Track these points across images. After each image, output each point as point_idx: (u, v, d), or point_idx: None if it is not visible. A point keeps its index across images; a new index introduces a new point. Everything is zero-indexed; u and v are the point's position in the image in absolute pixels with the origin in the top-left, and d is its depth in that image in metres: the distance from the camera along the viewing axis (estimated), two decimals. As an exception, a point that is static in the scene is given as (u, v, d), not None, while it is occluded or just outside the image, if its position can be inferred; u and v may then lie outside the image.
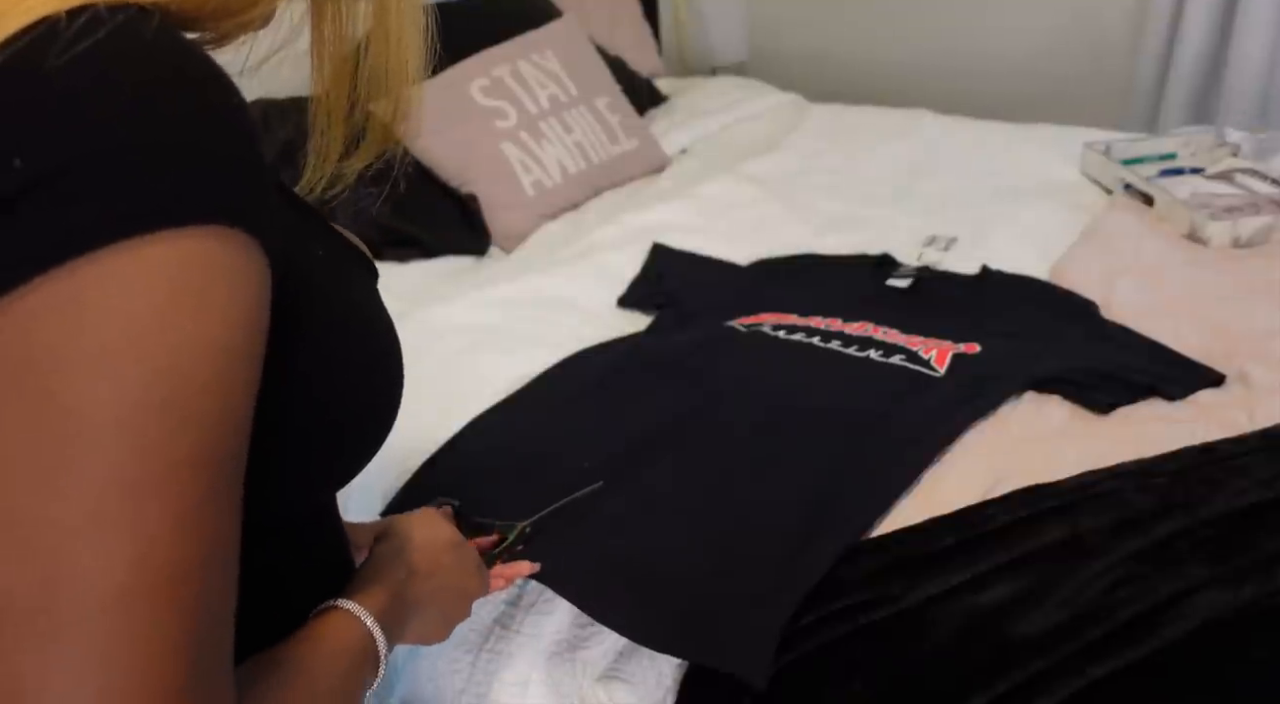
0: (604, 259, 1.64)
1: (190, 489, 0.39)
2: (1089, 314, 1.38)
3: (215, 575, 0.40)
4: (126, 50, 0.40)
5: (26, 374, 0.38)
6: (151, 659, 0.37)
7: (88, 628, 0.36)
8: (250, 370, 0.43)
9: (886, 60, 2.51)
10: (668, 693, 0.92)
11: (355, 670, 0.60)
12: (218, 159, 0.42)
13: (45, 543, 0.37)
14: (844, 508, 1.02)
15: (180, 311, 0.39)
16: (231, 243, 0.41)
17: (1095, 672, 0.84)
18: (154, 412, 0.38)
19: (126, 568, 0.37)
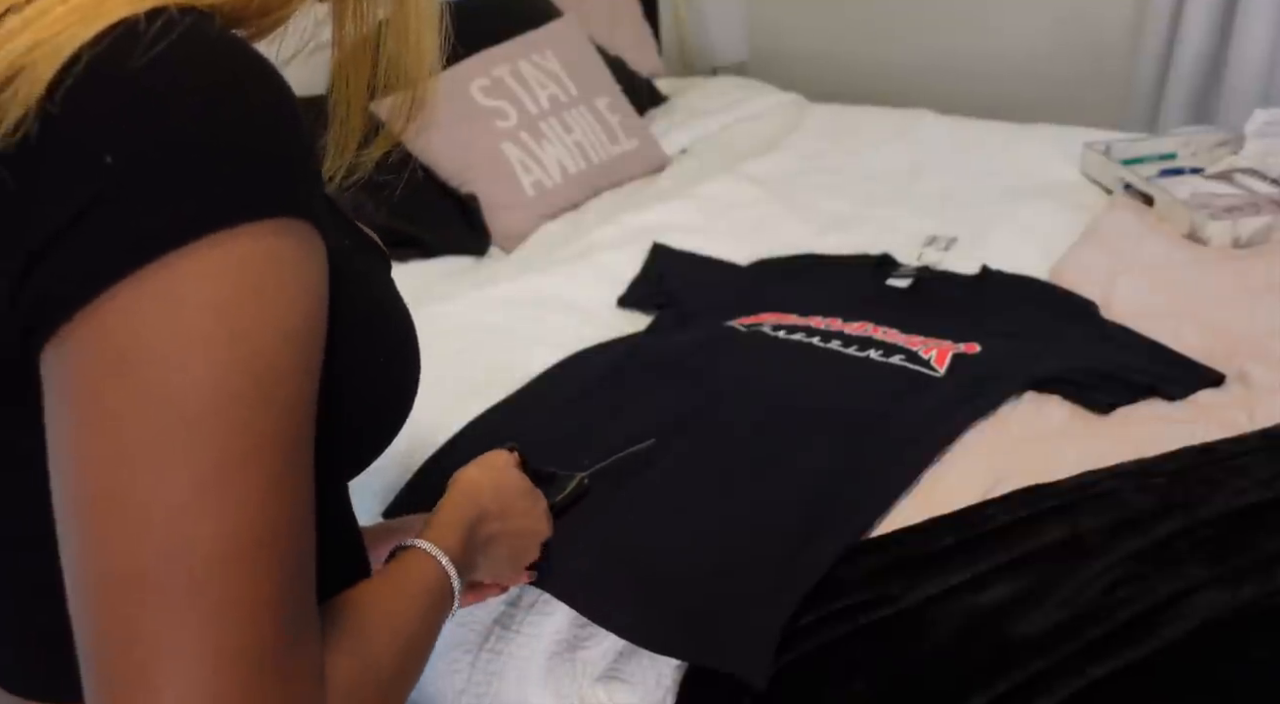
0: (604, 259, 1.64)
1: (275, 463, 0.43)
2: (1089, 314, 1.38)
3: (300, 536, 0.44)
4: (200, 52, 0.43)
5: (129, 367, 0.40)
6: (256, 612, 0.42)
7: (202, 591, 0.40)
8: (317, 353, 0.46)
9: (886, 60, 2.51)
10: (668, 693, 0.92)
11: (433, 607, 0.64)
12: (285, 155, 0.44)
13: (159, 519, 0.40)
14: (844, 508, 1.02)
15: (261, 301, 0.42)
16: (300, 234, 0.44)
17: (1095, 672, 0.84)
18: (242, 396, 0.41)
19: (229, 536, 0.41)
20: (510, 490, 0.82)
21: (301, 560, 0.45)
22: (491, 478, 0.80)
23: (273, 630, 0.42)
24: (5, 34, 0.41)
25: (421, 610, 0.62)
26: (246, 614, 0.41)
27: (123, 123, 0.41)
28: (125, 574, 0.40)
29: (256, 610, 0.42)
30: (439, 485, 0.97)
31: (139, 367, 0.41)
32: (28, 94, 0.40)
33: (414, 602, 0.62)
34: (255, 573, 0.42)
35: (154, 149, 0.41)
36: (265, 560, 0.42)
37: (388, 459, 1.06)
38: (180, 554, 0.40)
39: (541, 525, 0.86)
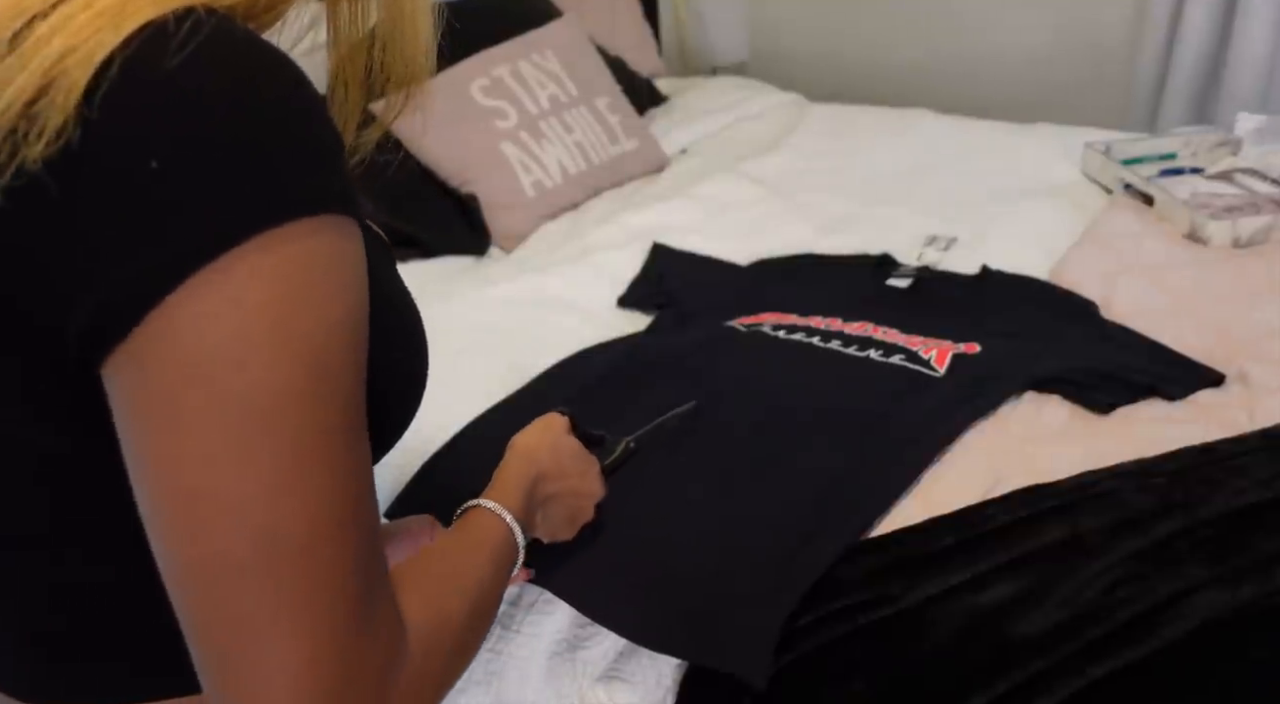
0: (604, 259, 1.64)
1: (339, 445, 0.45)
2: (1089, 314, 1.38)
3: (366, 507, 0.47)
4: (231, 52, 0.43)
5: (196, 372, 0.42)
6: (339, 581, 0.45)
7: (290, 569, 0.43)
8: (364, 341, 0.48)
9: (886, 60, 2.51)
10: (668, 693, 0.92)
11: (499, 562, 0.68)
12: (324, 151, 0.45)
13: (243, 510, 0.43)
14: (844, 508, 1.02)
15: (312, 296, 0.44)
16: (345, 228, 0.45)
17: (1095, 672, 0.84)
18: (303, 389, 0.43)
19: (309, 517, 0.44)
20: (566, 453, 0.85)
21: (371, 529, 0.47)
22: (548, 441, 0.84)
23: (355, 596, 0.45)
24: (35, 42, 0.41)
25: (488, 565, 0.66)
26: (331, 585, 0.44)
27: (164, 126, 0.41)
28: (220, 564, 0.43)
29: (339, 580, 0.45)
30: (440, 486, 0.98)
31: (206, 370, 0.42)
32: (65, 101, 0.40)
33: (481, 557, 0.66)
34: (334, 547, 0.45)
35: (198, 152, 0.41)
36: (341, 535, 0.45)
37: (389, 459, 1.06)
38: (267, 539, 0.43)
39: (595, 486, 0.89)
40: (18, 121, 0.41)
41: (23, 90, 0.41)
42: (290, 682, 0.43)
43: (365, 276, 0.48)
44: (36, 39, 0.41)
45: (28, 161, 0.41)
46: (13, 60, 0.41)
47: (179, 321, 0.42)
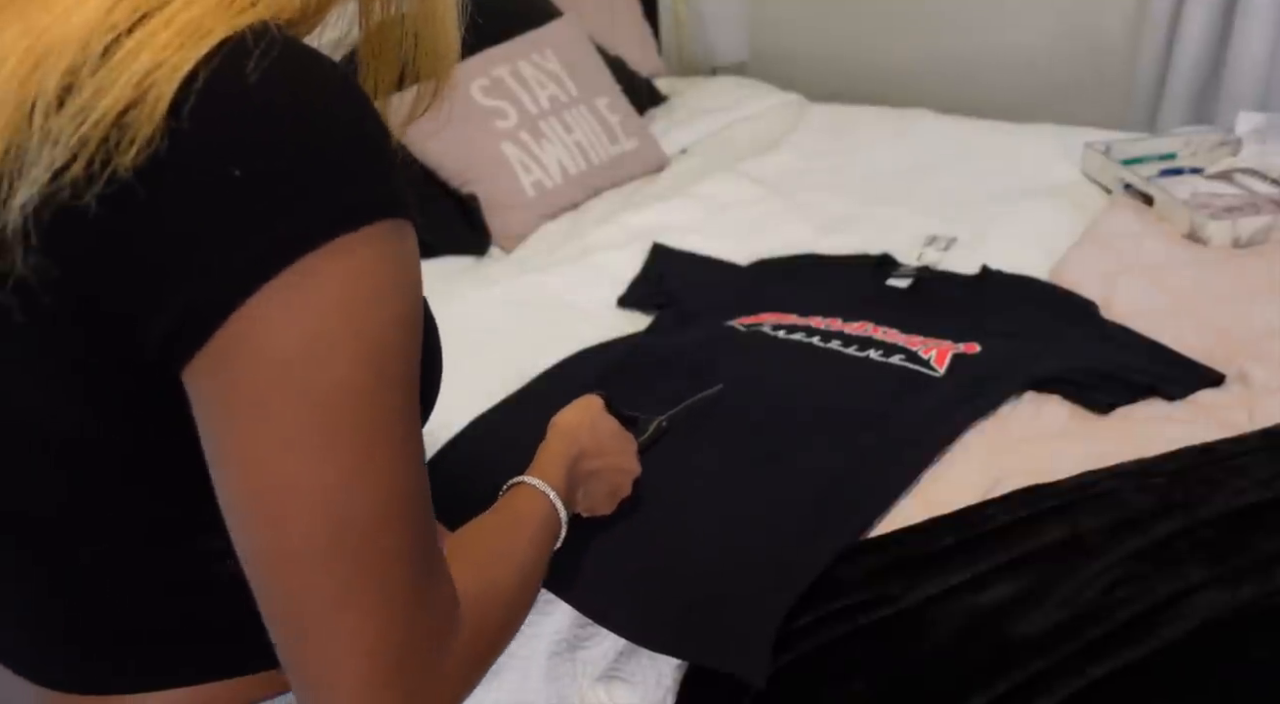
0: (604, 259, 1.64)
1: (402, 433, 0.49)
2: (1089, 314, 1.38)
3: (424, 490, 0.51)
4: (303, 66, 0.46)
5: (282, 371, 0.45)
6: (405, 557, 0.49)
7: (366, 550, 0.47)
8: (421, 336, 0.51)
9: (886, 60, 2.51)
10: (668, 693, 0.92)
11: (543, 536, 0.73)
12: (389, 160, 0.48)
13: (323, 500, 0.46)
14: (843, 508, 1.02)
15: (382, 297, 0.47)
16: (406, 231, 0.48)
17: (1095, 671, 0.84)
18: (373, 385, 0.47)
19: (380, 503, 0.47)
20: (604, 431, 0.90)
21: (428, 509, 0.52)
22: (588, 420, 0.89)
23: (416, 572, 0.50)
24: (125, 56, 0.43)
25: (534, 538, 0.71)
26: (397, 564, 0.48)
27: (246, 136, 0.44)
28: (300, 552, 0.47)
29: (403, 559, 0.49)
30: (441, 485, 0.97)
31: (286, 370, 0.45)
32: (154, 112, 0.43)
33: (527, 531, 0.71)
34: (399, 529, 0.49)
35: (278, 161, 0.44)
36: (405, 517, 0.49)
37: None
38: (342, 527, 0.47)
39: (633, 463, 0.93)
40: (110, 131, 0.43)
41: (116, 101, 0.43)
42: (363, 653, 0.47)
43: (421, 276, 0.51)
44: (126, 54, 0.43)
45: (120, 169, 0.43)
46: (105, 74, 0.43)
47: (260, 323, 0.44)
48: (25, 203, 0.44)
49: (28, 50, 0.44)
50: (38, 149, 0.44)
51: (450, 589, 0.54)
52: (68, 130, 0.43)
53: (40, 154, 0.44)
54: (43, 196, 0.44)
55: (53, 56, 0.44)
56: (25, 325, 0.47)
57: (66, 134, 0.43)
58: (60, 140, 0.43)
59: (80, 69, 0.44)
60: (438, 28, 0.60)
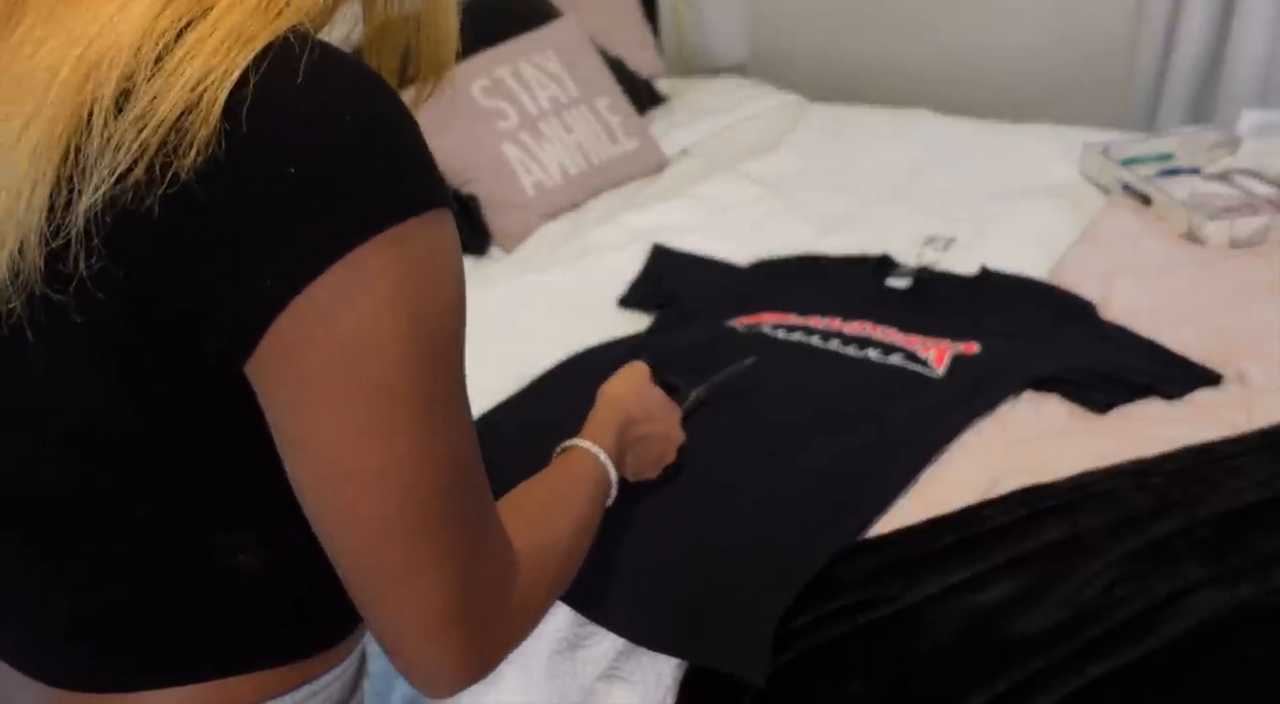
0: (604, 259, 1.64)
1: (459, 411, 0.53)
2: (1087, 314, 1.39)
3: (476, 454, 0.55)
4: (343, 68, 0.48)
5: (343, 358, 0.47)
6: (465, 520, 0.54)
7: (429, 520, 0.51)
8: (466, 318, 0.53)
9: (886, 60, 2.51)
10: (668, 693, 0.92)
11: (595, 494, 0.78)
12: (428, 153, 0.50)
13: (389, 480, 0.50)
14: (842, 507, 1.02)
15: (433, 282, 0.49)
16: (447, 218, 0.50)
17: (1094, 671, 0.85)
18: (431, 366, 0.50)
19: (439, 475, 0.51)
20: (651, 399, 0.95)
21: (481, 471, 0.56)
22: (634, 388, 0.94)
23: (474, 529, 0.54)
24: (177, 63, 0.45)
25: (585, 496, 0.76)
26: (457, 525, 0.53)
27: (298, 137, 0.46)
28: (370, 526, 0.51)
29: (462, 520, 0.53)
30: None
31: (347, 357, 0.47)
32: (210, 116, 0.44)
33: (580, 488, 0.76)
34: (457, 495, 0.53)
35: (329, 158, 0.46)
36: (462, 483, 0.53)
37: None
38: (408, 498, 0.50)
39: (677, 431, 0.99)
40: (168, 135, 0.44)
41: (174, 107, 0.44)
42: (432, 605, 0.53)
43: (462, 260, 0.53)
44: (179, 60, 0.45)
45: (180, 172, 0.45)
46: (160, 80, 0.45)
47: (319, 312, 0.46)
48: (90, 206, 0.45)
49: (79, 59, 0.45)
50: (99, 154, 0.45)
51: (505, 541, 0.58)
52: (129, 136, 0.45)
53: (102, 159, 0.45)
54: (105, 200, 0.45)
55: (105, 64, 0.45)
56: (79, 323, 0.49)
57: (128, 139, 0.45)
58: (122, 145, 0.45)
59: (135, 75, 0.45)
60: (440, 26, 0.61)
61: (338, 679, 0.67)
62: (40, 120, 0.46)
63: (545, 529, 0.67)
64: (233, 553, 0.58)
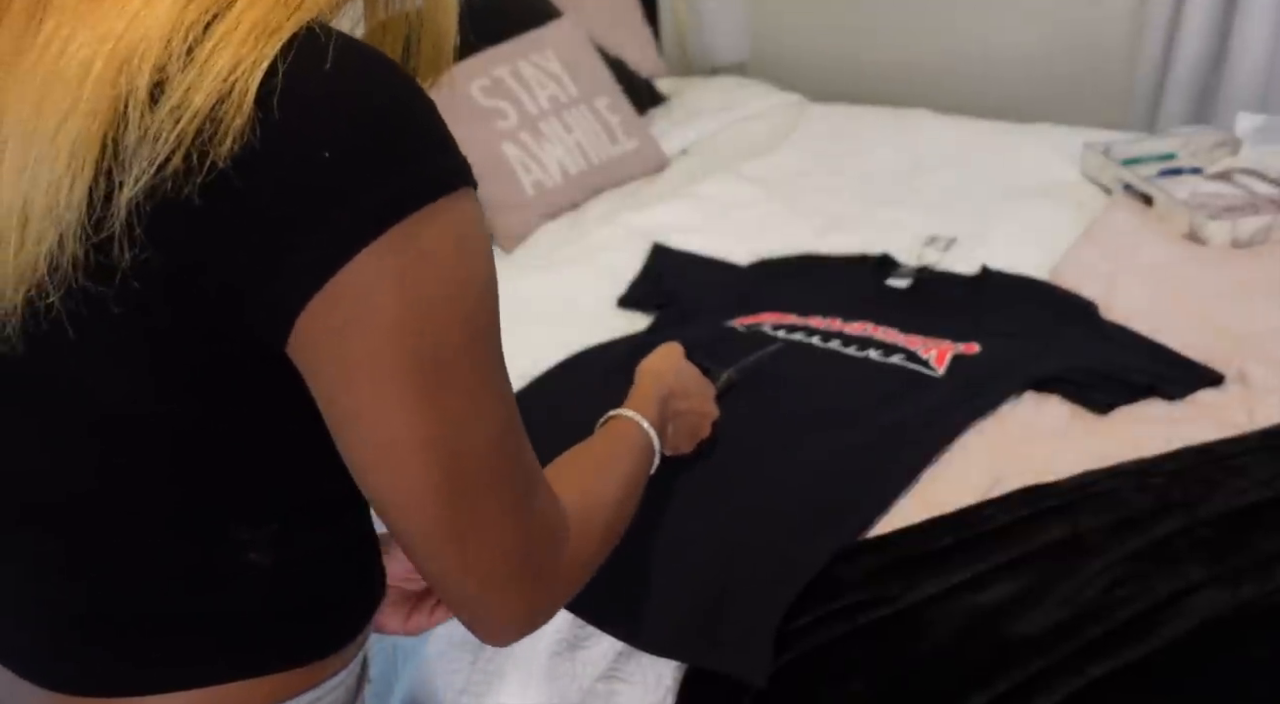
0: (604, 259, 1.64)
1: (498, 377, 0.55)
2: (1089, 314, 1.38)
3: (517, 418, 0.57)
4: (365, 56, 0.49)
5: (385, 333, 0.49)
6: (512, 481, 0.56)
7: (477, 483, 0.54)
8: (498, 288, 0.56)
9: (886, 60, 2.51)
10: (668, 693, 0.92)
11: (639, 459, 0.81)
12: (450, 134, 0.51)
13: (437, 448, 0.52)
14: (842, 507, 1.02)
15: (470, 257, 0.51)
16: (474, 197, 0.52)
17: (1094, 671, 0.85)
18: (474, 339, 0.52)
19: (484, 441, 0.54)
20: (688, 375, 0.99)
21: (523, 434, 0.58)
22: (673, 364, 0.98)
23: (521, 490, 0.57)
24: (209, 55, 0.46)
25: (632, 459, 0.79)
26: (506, 484, 0.55)
27: (331, 122, 0.47)
28: (423, 491, 0.53)
29: (510, 479, 0.56)
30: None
31: (390, 331, 0.49)
32: (243, 104, 0.45)
33: (625, 453, 0.80)
34: (504, 455, 0.55)
35: (361, 142, 0.47)
36: (505, 446, 0.55)
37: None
38: (456, 465, 0.53)
39: (713, 408, 1.03)
40: (204, 125, 0.45)
41: (208, 97, 0.45)
42: (488, 563, 0.56)
43: (490, 237, 0.55)
44: (209, 52, 0.46)
45: (218, 160, 0.46)
46: (193, 71, 0.46)
47: (358, 292, 0.48)
48: (132, 198, 0.46)
49: (111, 53, 0.46)
50: (137, 146, 0.46)
51: (554, 500, 0.61)
52: (166, 126, 0.46)
53: (141, 150, 0.46)
54: (145, 191, 0.46)
55: (137, 57, 0.46)
56: (117, 313, 0.49)
57: (165, 130, 0.46)
58: (160, 136, 0.46)
59: (167, 67, 0.46)
60: (440, 23, 0.62)
61: (341, 684, 0.67)
62: (76, 116, 0.46)
63: (593, 488, 0.70)
64: (244, 550, 0.59)
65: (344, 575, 0.67)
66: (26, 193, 0.47)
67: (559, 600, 0.63)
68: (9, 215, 0.48)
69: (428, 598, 0.81)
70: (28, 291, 0.49)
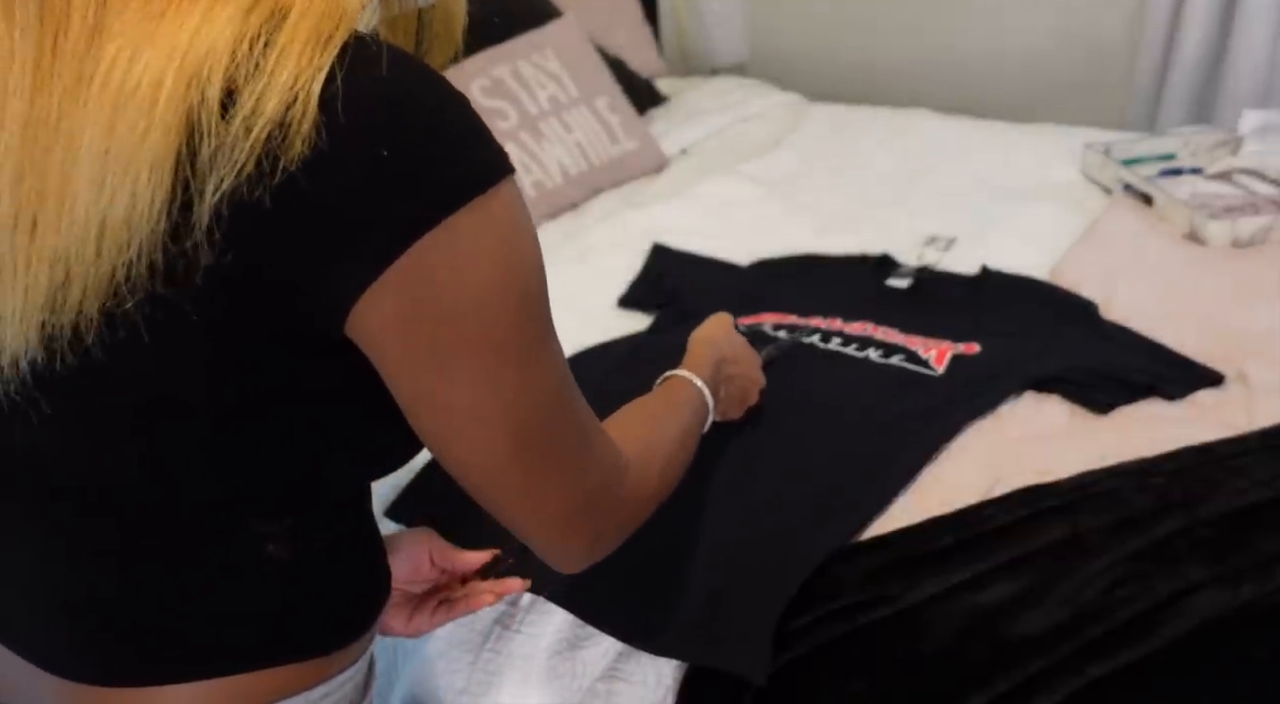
0: (604, 259, 1.64)
1: (553, 345, 0.59)
2: (1089, 314, 1.38)
3: (570, 378, 0.62)
4: (407, 60, 0.53)
5: (447, 314, 0.53)
6: (573, 429, 0.62)
7: (542, 442, 0.59)
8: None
9: (886, 60, 2.51)
10: (668, 692, 0.92)
11: (694, 414, 0.87)
12: (487, 126, 0.55)
13: (502, 416, 0.57)
14: (841, 506, 1.02)
15: (520, 239, 0.55)
16: (516, 185, 0.55)
17: (1094, 671, 0.84)
18: (530, 315, 0.56)
19: (544, 405, 0.59)
20: (739, 344, 1.05)
21: (578, 391, 0.63)
22: (724, 332, 1.03)
23: (580, 438, 0.62)
24: (273, 66, 0.49)
25: (688, 412, 0.86)
26: (566, 437, 0.61)
27: (388, 122, 0.50)
28: (493, 455, 0.58)
29: (570, 432, 0.61)
30: (440, 485, 0.97)
31: (452, 315, 0.53)
32: (308, 110, 0.48)
33: (681, 408, 0.86)
34: (562, 411, 0.60)
35: (417, 139, 0.50)
36: (563, 405, 0.61)
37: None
38: (520, 429, 0.58)
39: (760, 375, 1.08)
40: (274, 131, 0.48)
41: (278, 105, 0.48)
42: (556, 508, 0.62)
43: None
44: (272, 63, 0.49)
45: (289, 164, 0.49)
46: (260, 82, 0.49)
47: (419, 278, 0.51)
48: (216, 204, 0.49)
49: (179, 70, 0.49)
50: (214, 155, 0.48)
51: (610, 445, 0.66)
52: (240, 135, 0.48)
53: (218, 159, 0.48)
54: (223, 196, 0.49)
55: (205, 71, 0.49)
56: (190, 314, 0.52)
57: (240, 139, 0.48)
58: (236, 145, 0.48)
59: (235, 78, 0.49)
60: (450, 21, 0.64)
61: (351, 680, 0.68)
62: (154, 133, 0.48)
63: (650, 436, 0.76)
64: (264, 542, 0.61)
65: (354, 572, 0.69)
66: (105, 210, 0.49)
67: (619, 536, 0.69)
68: (85, 231, 0.50)
69: (429, 600, 0.82)
70: (103, 303, 0.51)
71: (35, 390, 0.54)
